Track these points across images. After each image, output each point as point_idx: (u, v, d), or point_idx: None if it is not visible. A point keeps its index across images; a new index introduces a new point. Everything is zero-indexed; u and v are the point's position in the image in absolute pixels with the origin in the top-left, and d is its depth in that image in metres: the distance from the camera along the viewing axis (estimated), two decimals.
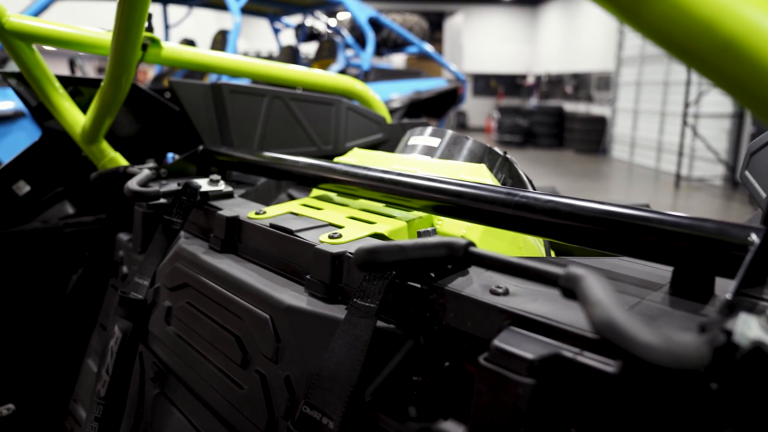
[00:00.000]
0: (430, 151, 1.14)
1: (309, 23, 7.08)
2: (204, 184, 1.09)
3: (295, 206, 1.01)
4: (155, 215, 1.19)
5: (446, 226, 0.95)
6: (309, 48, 8.16)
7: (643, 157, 12.17)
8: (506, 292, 0.60)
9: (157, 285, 1.07)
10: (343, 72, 5.78)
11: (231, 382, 0.84)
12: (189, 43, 6.09)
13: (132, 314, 1.03)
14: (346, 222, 0.90)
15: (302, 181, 1.11)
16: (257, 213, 0.96)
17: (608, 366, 0.47)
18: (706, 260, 0.56)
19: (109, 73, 1.22)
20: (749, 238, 0.53)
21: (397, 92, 5.66)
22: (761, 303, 0.52)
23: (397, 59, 15.28)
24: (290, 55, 6.10)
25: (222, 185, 1.11)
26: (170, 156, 1.76)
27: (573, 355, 0.49)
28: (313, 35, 7.07)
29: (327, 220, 0.91)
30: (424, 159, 1.11)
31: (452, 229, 0.94)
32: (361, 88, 1.93)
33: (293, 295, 0.78)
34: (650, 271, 0.67)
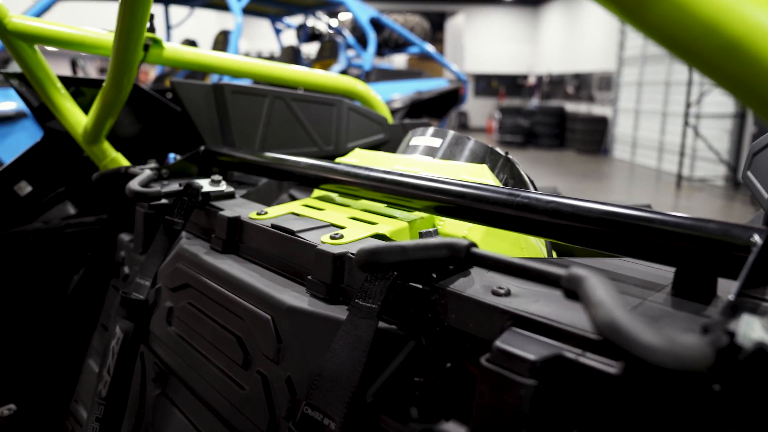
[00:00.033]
0: (432, 152, 1.14)
1: (310, 24, 7.09)
2: (205, 185, 1.09)
3: (297, 207, 1.01)
4: (157, 216, 1.19)
5: (448, 227, 0.95)
6: (310, 48, 8.16)
7: (645, 158, 12.16)
8: (508, 293, 0.60)
9: (159, 285, 1.06)
10: (345, 72, 5.79)
11: (232, 383, 0.84)
12: (190, 44, 6.10)
13: (133, 315, 1.03)
14: (348, 222, 0.90)
15: (304, 182, 1.11)
16: (259, 213, 0.96)
17: (610, 367, 0.47)
18: (709, 261, 0.56)
19: (111, 74, 1.22)
20: (752, 239, 0.53)
21: (399, 92, 5.67)
22: (764, 304, 0.52)
23: (399, 59, 15.29)
24: (292, 56, 6.11)
25: (223, 186, 1.11)
26: (172, 156, 1.76)
27: (575, 356, 0.49)
28: (315, 36, 7.08)
29: (328, 221, 0.91)
30: (426, 159, 1.11)
31: (454, 230, 0.94)
32: (363, 89, 1.92)
33: (295, 296, 0.78)
34: (652, 272, 0.67)
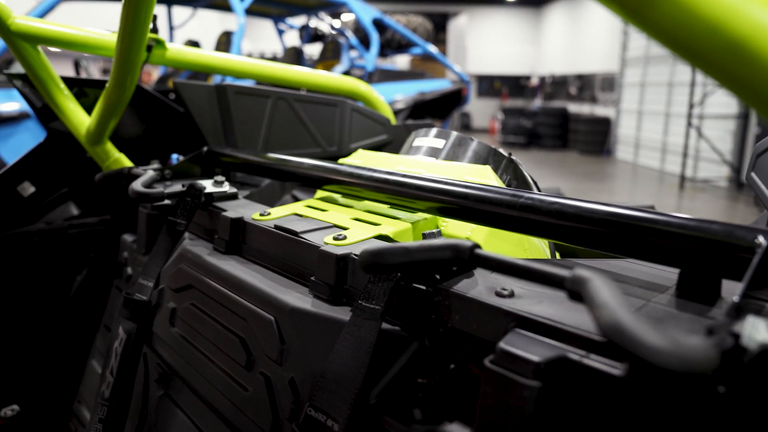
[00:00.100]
0: (435, 153, 1.14)
1: (313, 24, 7.10)
2: (208, 186, 1.09)
3: (300, 207, 1.01)
4: (160, 216, 1.19)
5: (451, 228, 0.95)
6: (313, 49, 8.17)
7: (648, 159, 12.14)
8: (512, 295, 0.60)
9: (162, 286, 1.07)
10: (347, 73, 5.79)
11: (235, 384, 0.84)
12: (193, 45, 6.11)
13: (136, 315, 1.03)
14: (351, 223, 0.90)
15: (306, 183, 1.11)
16: (261, 214, 0.96)
17: (614, 369, 0.46)
18: (713, 262, 0.56)
19: (114, 75, 1.22)
20: (756, 241, 0.52)
21: (401, 93, 5.67)
22: None
23: (401, 60, 15.29)
24: (294, 57, 6.12)
25: (226, 186, 1.11)
26: (174, 157, 1.76)
27: (579, 358, 0.49)
28: (318, 36, 7.09)
29: (331, 222, 0.91)
30: (429, 160, 1.11)
31: (457, 231, 0.94)
32: (366, 89, 1.92)
33: (298, 297, 0.78)
34: (656, 273, 0.67)
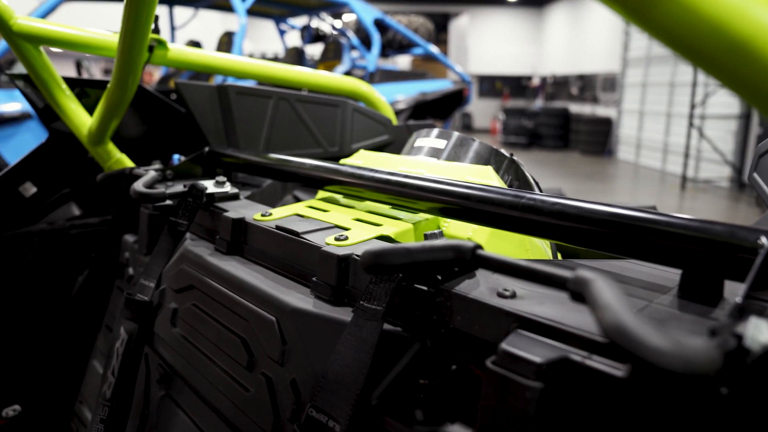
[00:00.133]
0: (437, 153, 1.14)
1: (314, 25, 7.10)
2: (210, 186, 1.09)
3: (301, 208, 1.01)
4: (161, 217, 1.19)
5: (453, 228, 0.95)
6: (314, 49, 8.17)
7: (649, 159, 12.13)
8: (513, 295, 0.59)
9: (163, 287, 1.07)
10: (349, 73, 5.79)
11: (237, 385, 0.84)
12: (195, 45, 6.11)
13: (138, 316, 1.03)
14: (353, 224, 0.90)
15: (308, 183, 1.11)
16: (263, 215, 0.96)
17: (617, 370, 0.46)
18: (715, 263, 0.56)
19: (116, 75, 1.22)
20: (759, 241, 0.52)
21: (403, 94, 5.66)
22: None
23: (403, 60, 15.29)
24: (296, 57, 6.12)
25: (228, 187, 1.11)
26: (176, 157, 1.76)
27: (581, 359, 0.49)
28: (319, 37, 7.09)
29: (333, 222, 0.91)
30: (431, 161, 1.11)
31: (459, 231, 0.94)
32: (367, 90, 1.92)
33: (299, 298, 0.78)
34: (658, 274, 0.67)
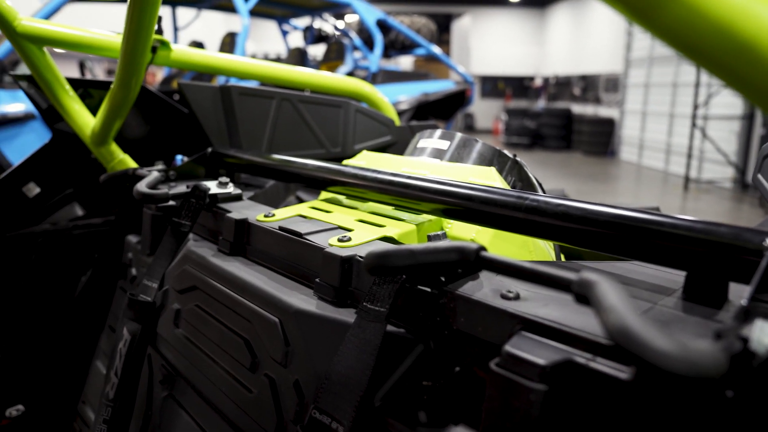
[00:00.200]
0: (440, 154, 1.14)
1: (317, 25, 7.10)
2: (213, 187, 1.09)
3: (304, 209, 1.01)
4: (164, 217, 1.20)
5: (456, 230, 0.95)
6: (317, 50, 8.17)
7: (652, 159, 12.11)
8: (517, 297, 0.59)
9: (166, 287, 1.07)
10: (351, 74, 5.79)
11: (240, 386, 0.84)
12: (198, 46, 6.12)
13: (141, 316, 1.03)
14: (356, 225, 0.90)
15: (311, 184, 1.11)
16: (266, 216, 0.96)
17: (621, 372, 0.46)
18: (720, 265, 0.56)
19: (119, 76, 1.22)
20: (764, 243, 0.52)
21: (405, 94, 5.66)
22: None
23: (405, 61, 15.29)
24: (298, 57, 6.12)
25: (231, 187, 1.11)
26: (179, 158, 1.76)
27: (585, 361, 0.48)
28: (321, 37, 7.09)
29: (336, 223, 0.91)
30: (434, 162, 1.10)
31: (462, 233, 0.94)
32: (370, 90, 1.92)
33: (302, 299, 0.78)
34: (662, 276, 0.67)
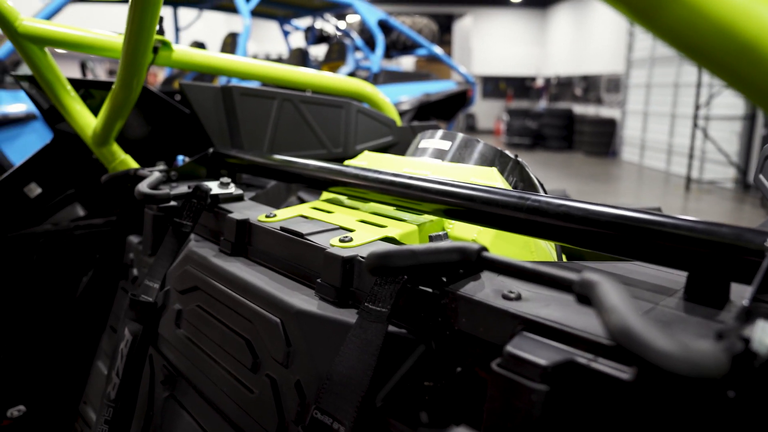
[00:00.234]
0: (441, 155, 1.14)
1: (318, 26, 7.10)
2: (214, 187, 1.10)
3: (306, 209, 1.01)
4: (165, 218, 1.20)
5: (457, 230, 0.95)
6: (318, 50, 8.18)
7: (653, 160, 12.10)
8: (519, 297, 0.59)
9: (168, 288, 1.07)
10: (353, 74, 5.79)
11: (241, 386, 0.84)
12: (199, 46, 6.12)
13: (142, 317, 1.03)
14: (357, 225, 0.90)
15: (312, 184, 1.11)
16: (267, 216, 0.96)
17: (623, 373, 0.46)
18: (722, 265, 0.56)
19: (121, 76, 1.22)
20: (766, 243, 0.52)
21: (407, 95, 5.66)
22: None
23: (406, 61, 15.30)
24: (300, 58, 6.12)
25: (232, 188, 1.11)
26: (180, 158, 1.77)
27: (587, 362, 0.48)
28: (323, 38, 7.09)
29: (337, 224, 0.91)
30: (435, 162, 1.10)
31: (463, 233, 0.94)
32: (371, 91, 1.92)
33: (304, 299, 0.78)
34: (664, 276, 0.67)
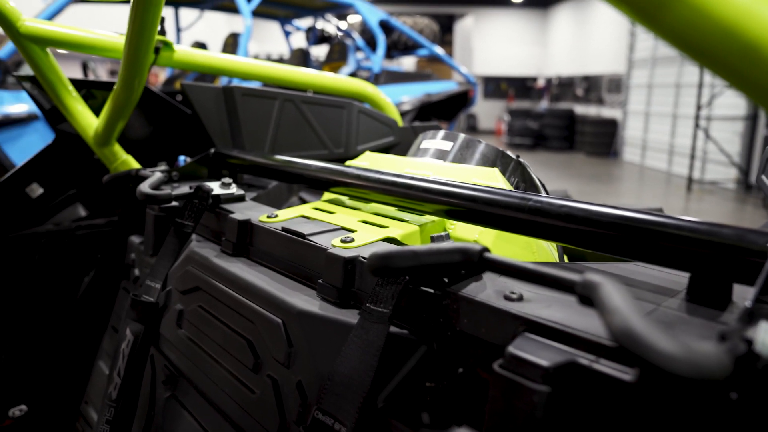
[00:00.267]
0: (443, 155, 1.13)
1: (320, 26, 7.10)
2: (216, 187, 1.10)
3: (307, 210, 1.01)
4: (167, 218, 1.20)
5: (459, 231, 0.95)
6: (320, 51, 8.18)
7: (655, 160, 12.09)
8: (520, 298, 0.59)
9: (169, 288, 1.07)
10: (354, 75, 5.79)
11: (242, 387, 0.84)
12: (200, 47, 6.13)
13: (143, 317, 1.03)
14: (358, 226, 0.90)
15: (314, 185, 1.11)
16: (269, 216, 0.96)
17: (625, 374, 0.46)
18: (724, 266, 0.55)
19: (122, 76, 1.22)
20: None
21: (408, 95, 5.66)
22: None
23: (408, 62, 15.30)
24: (301, 58, 6.13)
25: (233, 188, 1.11)
26: (182, 159, 1.77)
27: (589, 363, 0.48)
28: (324, 38, 7.10)
29: (339, 224, 0.91)
30: (437, 163, 1.10)
31: (465, 234, 0.94)
32: (372, 91, 1.92)
33: (305, 300, 0.78)
34: (666, 277, 0.66)
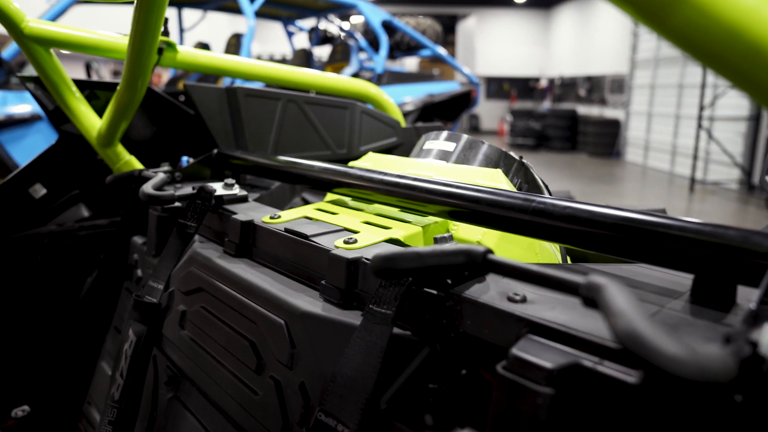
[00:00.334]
0: (446, 156, 1.13)
1: (322, 26, 7.12)
2: (218, 188, 1.10)
3: (310, 211, 1.01)
4: (170, 219, 1.20)
5: (462, 232, 0.94)
6: (322, 51, 8.19)
7: (658, 161, 12.07)
8: (524, 300, 0.59)
9: (172, 289, 1.07)
10: (357, 75, 5.79)
11: (245, 388, 0.84)
12: (203, 47, 6.14)
13: (146, 318, 1.03)
14: (361, 227, 0.89)
15: (317, 186, 1.11)
16: (272, 217, 0.96)
17: (629, 376, 0.46)
18: (728, 268, 0.55)
19: (125, 77, 1.23)
20: None
21: (411, 95, 5.67)
22: None
23: (410, 62, 15.31)
24: (304, 59, 6.14)
25: (236, 189, 1.11)
26: (185, 159, 1.77)
27: (593, 365, 0.48)
28: (327, 38, 7.11)
29: (342, 225, 0.91)
30: (440, 163, 1.10)
31: (468, 235, 0.93)
32: (375, 92, 1.92)
33: (308, 301, 0.78)
34: (669, 279, 0.66)
